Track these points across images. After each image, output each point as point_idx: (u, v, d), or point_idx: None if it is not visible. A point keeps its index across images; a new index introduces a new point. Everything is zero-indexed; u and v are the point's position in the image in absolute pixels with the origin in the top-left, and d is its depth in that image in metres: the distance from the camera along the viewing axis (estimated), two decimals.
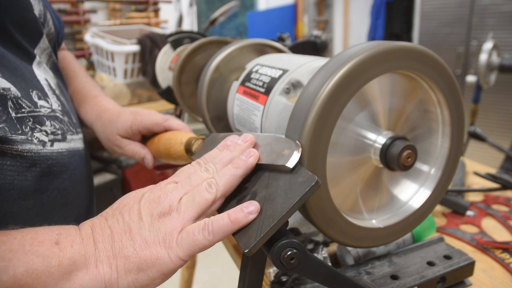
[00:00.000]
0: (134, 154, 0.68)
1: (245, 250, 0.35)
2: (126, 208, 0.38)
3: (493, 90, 2.43)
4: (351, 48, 0.41)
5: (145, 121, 0.66)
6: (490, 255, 0.63)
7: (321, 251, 0.56)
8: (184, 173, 0.42)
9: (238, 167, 0.40)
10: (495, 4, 2.58)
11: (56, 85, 0.59)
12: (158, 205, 0.37)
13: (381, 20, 3.48)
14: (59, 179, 0.52)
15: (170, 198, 0.37)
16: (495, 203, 0.81)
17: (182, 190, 0.39)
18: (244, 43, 0.76)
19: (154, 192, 0.39)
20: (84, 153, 0.61)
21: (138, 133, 0.67)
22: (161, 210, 0.37)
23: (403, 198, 0.49)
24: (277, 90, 0.54)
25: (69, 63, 0.81)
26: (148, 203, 0.38)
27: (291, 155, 0.38)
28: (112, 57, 2.14)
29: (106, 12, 2.61)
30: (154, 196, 0.38)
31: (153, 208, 0.37)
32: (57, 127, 0.53)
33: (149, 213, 0.37)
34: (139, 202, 0.38)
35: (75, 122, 0.61)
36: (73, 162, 0.55)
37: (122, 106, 0.74)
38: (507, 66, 1.51)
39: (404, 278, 0.51)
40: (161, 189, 0.39)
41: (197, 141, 0.57)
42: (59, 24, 0.67)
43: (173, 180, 0.41)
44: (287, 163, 0.38)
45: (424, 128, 0.48)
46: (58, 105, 0.56)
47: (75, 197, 0.56)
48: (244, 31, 4.05)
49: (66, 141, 0.54)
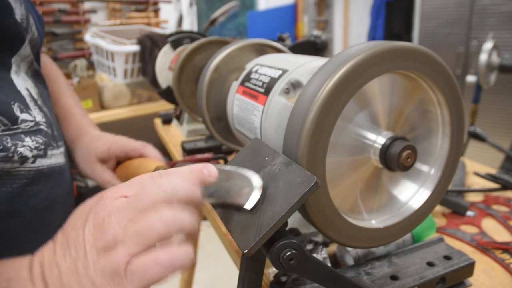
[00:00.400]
0: (106, 183, 0.66)
1: (244, 251, 0.34)
2: (73, 235, 0.33)
3: (493, 90, 2.43)
4: (351, 48, 0.41)
5: (124, 145, 0.66)
6: (490, 255, 0.63)
7: (320, 252, 0.56)
8: (137, 185, 0.35)
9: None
10: (495, 4, 2.58)
11: (38, 95, 0.55)
12: (103, 235, 0.32)
13: (381, 20, 3.47)
14: (35, 200, 0.48)
15: (114, 228, 0.32)
16: (495, 204, 0.81)
17: (128, 214, 0.32)
18: (244, 43, 0.76)
19: (99, 212, 0.33)
20: (65, 167, 0.56)
21: (114, 157, 0.67)
22: (105, 243, 0.31)
23: (403, 198, 0.49)
24: (276, 90, 0.54)
25: (50, 71, 0.77)
26: (93, 229, 0.32)
27: (250, 194, 0.38)
28: (112, 57, 2.14)
29: (106, 12, 2.61)
30: (99, 219, 0.33)
31: (97, 239, 0.32)
32: (40, 142, 0.50)
33: (94, 245, 0.32)
34: (84, 227, 0.33)
35: (57, 134, 0.57)
36: (52, 180, 0.51)
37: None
38: (507, 66, 1.51)
39: (404, 279, 0.51)
40: (106, 208, 0.33)
41: (165, 169, 0.57)
42: (41, 27, 0.63)
43: (122, 194, 0.34)
44: (245, 205, 0.37)
45: (424, 128, 0.48)
46: (42, 117, 0.52)
47: (53, 218, 0.52)
48: (244, 31, 4.05)
49: (46, 157, 0.51)
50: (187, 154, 1.07)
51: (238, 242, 0.36)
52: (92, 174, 0.67)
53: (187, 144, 1.10)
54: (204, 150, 1.07)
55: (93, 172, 0.67)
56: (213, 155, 0.93)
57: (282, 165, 0.40)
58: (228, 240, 0.71)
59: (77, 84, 2.04)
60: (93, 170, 0.67)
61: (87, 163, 0.67)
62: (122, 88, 2.22)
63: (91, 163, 0.67)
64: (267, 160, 0.43)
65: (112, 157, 0.66)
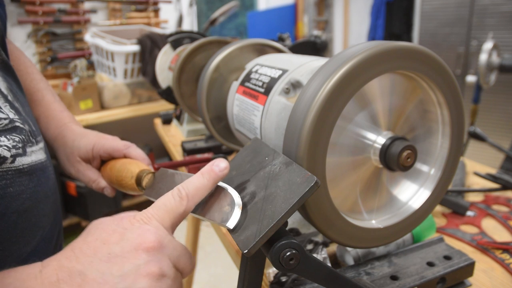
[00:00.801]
0: (91, 182, 0.64)
1: (244, 251, 0.34)
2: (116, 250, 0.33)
3: (493, 90, 2.43)
4: (350, 48, 0.41)
5: (107, 145, 0.63)
6: (490, 255, 0.63)
7: (320, 252, 0.56)
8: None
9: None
10: (495, 4, 2.58)
11: (7, 89, 0.51)
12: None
13: (381, 20, 3.47)
14: (19, 201, 0.45)
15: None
16: (495, 204, 0.81)
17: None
18: (244, 43, 0.76)
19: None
20: (46, 164, 0.53)
21: (98, 157, 0.64)
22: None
23: (403, 198, 0.49)
24: (276, 90, 0.54)
25: (19, 61, 0.70)
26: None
27: (231, 213, 0.39)
28: (112, 57, 2.14)
29: (106, 12, 2.61)
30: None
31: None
32: (17, 140, 0.47)
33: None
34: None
35: (35, 129, 0.53)
36: (34, 179, 0.48)
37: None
38: (507, 66, 1.51)
39: (404, 279, 0.51)
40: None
41: (147, 175, 0.56)
42: (3, 11, 0.58)
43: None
44: (227, 223, 0.38)
45: (424, 128, 0.48)
46: (14, 114, 0.49)
47: (38, 217, 0.50)
48: (244, 31, 4.05)
49: (26, 155, 0.48)
50: (187, 154, 1.07)
51: (238, 242, 0.36)
52: (76, 173, 0.65)
53: (187, 144, 1.10)
54: (204, 150, 1.07)
55: (77, 172, 0.65)
56: (213, 155, 0.93)
57: (282, 165, 0.40)
58: (228, 240, 0.71)
59: (77, 84, 2.04)
60: (77, 170, 0.65)
61: (70, 162, 0.65)
62: (122, 88, 2.22)
63: (75, 162, 0.64)
64: (267, 160, 0.43)
65: (96, 156, 0.64)
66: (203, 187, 0.39)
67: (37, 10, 2.27)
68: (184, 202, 0.38)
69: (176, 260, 0.36)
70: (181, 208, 0.38)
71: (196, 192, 0.39)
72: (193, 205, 0.39)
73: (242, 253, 0.35)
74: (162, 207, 0.37)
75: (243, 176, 0.44)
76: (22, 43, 2.30)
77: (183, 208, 0.38)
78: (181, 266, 0.36)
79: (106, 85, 2.16)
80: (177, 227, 0.38)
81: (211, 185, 0.40)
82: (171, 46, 1.41)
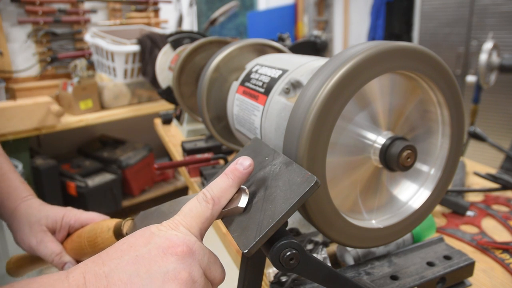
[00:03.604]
0: (54, 254, 0.58)
1: (244, 251, 0.34)
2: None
3: (493, 90, 2.43)
4: (350, 48, 0.41)
5: (79, 215, 0.60)
6: (490, 255, 0.63)
7: (320, 252, 0.56)
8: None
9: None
10: (495, 4, 2.58)
11: None
12: None
13: (381, 20, 3.47)
14: None
15: None
16: (495, 204, 0.81)
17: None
18: (244, 43, 0.76)
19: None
20: None
21: (66, 228, 0.60)
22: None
23: (403, 198, 0.49)
24: (276, 90, 0.54)
25: None
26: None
27: (240, 197, 0.39)
28: (112, 57, 2.14)
29: (106, 12, 2.61)
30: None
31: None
32: None
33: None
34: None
35: None
36: None
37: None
38: (507, 66, 1.51)
39: (404, 279, 0.51)
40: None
41: (127, 222, 0.53)
42: None
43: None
44: (239, 204, 0.39)
45: (424, 128, 0.48)
46: None
47: None
48: (244, 31, 4.05)
49: None
50: (187, 154, 1.07)
51: (238, 242, 0.36)
52: (37, 244, 0.59)
53: (187, 144, 1.10)
54: (204, 150, 1.07)
55: (39, 243, 0.59)
56: (213, 155, 0.93)
57: (282, 165, 0.40)
58: (228, 240, 0.71)
59: (77, 84, 2.04)
60: (40, 240, 0.59)
61: (33, 232, 0.59)
62: (122, 88, 2.22)
63: (39, 231, 0.59)
64: (267, 160, 0.43)
65: (65, 227, 0.60)
66: (228, 188, 0.38)
67: (37, 10, 2.27)
68: (210, 205, 0.37)
69: (207, 268, 0.35)
70: (208, 212, 0.37)
71: (222, 194, 0.38)
72: (220, 207, 0.38)
73: (242, 253, 0.35)
74: (188, 213, 0.36)
75: None
76: (22, 43, 2.30)
77: (209, 212, 0.37)
78: (212, 275, 0.35)
79: (106, 85, 2.16)
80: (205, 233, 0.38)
81: (237, 185, 0.39)
82: (171, 46, 1.41)
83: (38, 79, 2.34)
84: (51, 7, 2.34)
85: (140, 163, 2.40)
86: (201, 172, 0.92)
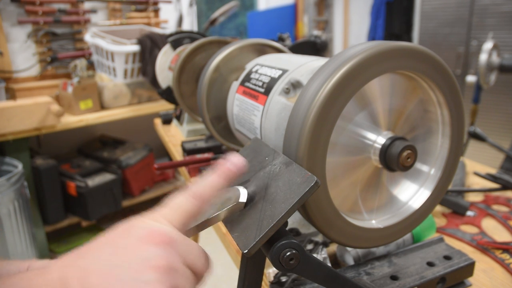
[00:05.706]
0: None
1: (244, 251, 0.34)
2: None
3: (493, 90, 2.43)
4: (350, 48, 0.41)
5: (13, 266, 0.56)
6: (490, 255, 0.63)
7: (320, 252, 0.56)
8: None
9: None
10: (495, 4, 2.58)
11: None
12: None
13: (381, 20, 3.47)
14: None
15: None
16: (495, 204, 0.81)
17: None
18: (244, 43, 0.76)
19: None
20: None
21: None
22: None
23: (403, 198, 0.49)
24: (276, 90, 0.54)
25: None
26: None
27: (239, 193, 0.39)
28: (112, 57, 2.14)
29: (106, 12, 2.61)
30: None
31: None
32: None
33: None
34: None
35: None
36: None
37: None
38: (507, 66, 1.51)
39: (404, 279, 0.51)
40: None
41: None
42: None
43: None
44: (240, 199, 0.39)
45: (424, 128, 0.48)
46: None
47: None
48: (244, 31, 4.05)
49: None
50: (187, 154, 1.07)
51: (238, 242, 0.36)
52: None
53: (187, 144, 1.10)
54: (204, 150, 1.07)
55: None
56: (213, 155, 0.93)
57: (282, 165, 0.40)
58: (228, 240, 0.71)
59: (77, 84, 2.04)
60: None
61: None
62: (122, 88, 2.22)
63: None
64: (267, 160, 0.43)
65: None
66: (215, 184, 0.38)
67: (37, 10, 2.27)
68: (196, 201, 0.37)
69: (188, 259, 0.34)
70: (193, 208, 0.36)
71: (208, 190, 0.38)
72: (206, 204, 0.38)
73: (242, 253, 0.35)
74: (173, 207, 0.36)
75: (243, 176, 0.44)
76: (22, 43, 2.30)
77: (195, 208, 0.37)
78: (194, 266, 0.35)
79: (106, 85, 2.16)
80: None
81: (224, 181, 0.38)
82: (171, 46, 1.41)
83: (38, 79, 2.34)
84: (51, 7, 2.34)
85: (140, 163, 2.40)
86: (201, 172, 0.92)
